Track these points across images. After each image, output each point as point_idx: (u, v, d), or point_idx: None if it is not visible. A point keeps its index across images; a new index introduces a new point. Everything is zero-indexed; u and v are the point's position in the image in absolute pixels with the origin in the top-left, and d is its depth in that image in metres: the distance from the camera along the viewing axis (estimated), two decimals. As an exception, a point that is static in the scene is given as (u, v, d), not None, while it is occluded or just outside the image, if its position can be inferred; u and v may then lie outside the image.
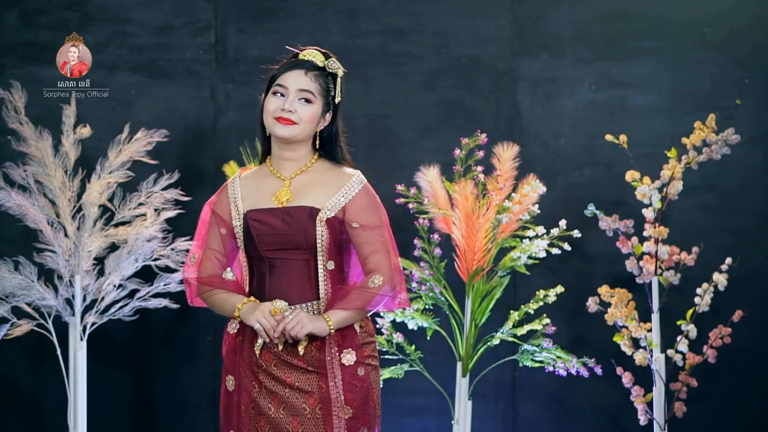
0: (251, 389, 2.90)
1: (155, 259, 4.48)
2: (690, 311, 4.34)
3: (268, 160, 3.01)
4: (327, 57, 2.96)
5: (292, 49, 2.99)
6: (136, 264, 4.45)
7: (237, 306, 2.89)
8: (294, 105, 2.90)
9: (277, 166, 2.98)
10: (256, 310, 2.85)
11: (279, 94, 2.92)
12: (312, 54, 2.95)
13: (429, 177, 4.34)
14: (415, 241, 4.40)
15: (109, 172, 4.46)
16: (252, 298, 2.92)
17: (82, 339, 4.43)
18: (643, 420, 4.33)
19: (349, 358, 2.89)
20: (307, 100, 2.92)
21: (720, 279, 4.29)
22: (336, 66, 2.97)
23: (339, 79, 2.97)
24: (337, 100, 2.97)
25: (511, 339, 4.38)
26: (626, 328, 4.32)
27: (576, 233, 4.34)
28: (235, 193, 2.98)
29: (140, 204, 4.48)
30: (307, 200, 2.91)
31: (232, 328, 2.97)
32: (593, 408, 4.77)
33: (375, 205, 2.98)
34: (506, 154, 4.33)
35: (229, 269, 2.98)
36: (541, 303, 4.34)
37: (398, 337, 4.37)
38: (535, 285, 4.56)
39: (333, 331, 2.84)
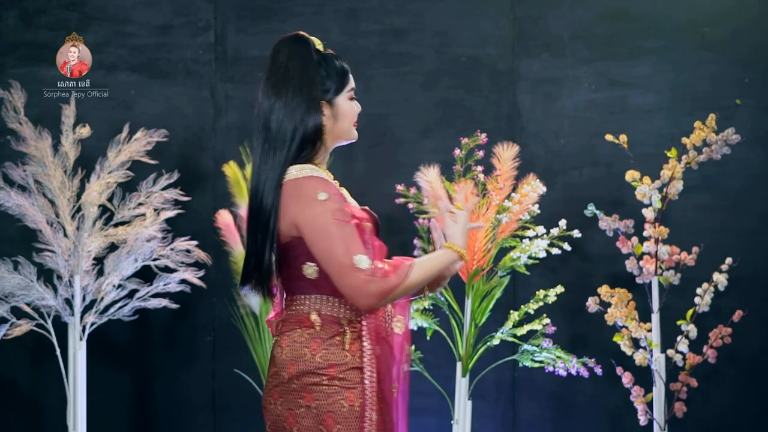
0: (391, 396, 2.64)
1: (155, 259, 4.48)
2: (690, 311, 4.33)
3: (316, 163, 2.67)
4: None
5: (318, 41, 2.72)
6: (135, 264, 4.45)
7: (445, 249, 2.66)
8: None
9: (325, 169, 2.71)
10: (461, 227, 2.68)
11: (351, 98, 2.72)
12: None
13: (429, 177, 4.33)
14: (415, 241, 4.40)
15: (109, 172, 4.46)
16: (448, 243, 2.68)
17: (81, 339, 4.43)
18: (643, 420, 4.32)
19: None
20: None
21: (720, 279, 4.28)
22: None
23: None
24: None
25: (511, 339, 4.38)
26: (626, 328, 4.32)
27: (576, 233, 4.34)
28: (342, 191, 2.67)
29: (140, 204, 4.48)
30: None
31: (399, 328, 2.66)
32: (593, 408, 4.77)
33: None
34: (506, 154, 4.32)
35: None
36: (541, 303, 4.34)
37: (398, 337, 4.36)
38: (535, 285, 4.56)
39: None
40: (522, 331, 4.33)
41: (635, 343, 4.37)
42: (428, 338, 4.44)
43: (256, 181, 2.62)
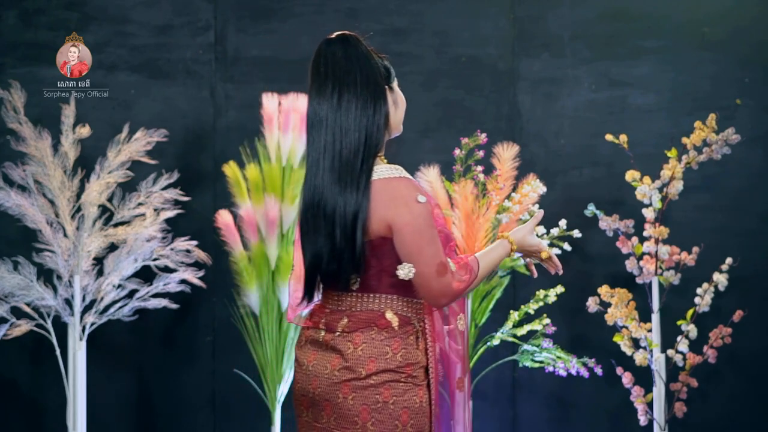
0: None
1: (155, 259, 4.48)
2: (690, 311, 4.33)
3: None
4: None
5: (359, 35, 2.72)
6: (135, 264, 4.45)
7: (508, 240, 2.78)
8: None
9: None
10: (530, 240, 2.79)
11: None
12: None
13: (429, 177, 4.33)
14: (415, 241, 4.39)
15: (109, 172, 4.46)
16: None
17: (81, 339, 4.42)
18: (643, 420, 4.32)
19: None
20: None
21: (720, 279, 4.28)
22: None
23: None
24: None
25: (511, 339, 4.38)
26: (626, 328, 4.32)
27: (576, 233, 4.34)
28: None
29: (139, 204, 4.48)
30: None
31: (462, 325, 2.74)
32: (593, 408, 4.77)
33: None
34: (506, 154, 4.32)
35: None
36: (541, 303, 4.34)
37: (398, 337, 4.36)
38: (535, 285, 4.55)
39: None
40: (522, 331, 4.33)
41: (635, 343, 4.37)
42: (428, 338, 4.44)
43: (330, 180, 2.56)
